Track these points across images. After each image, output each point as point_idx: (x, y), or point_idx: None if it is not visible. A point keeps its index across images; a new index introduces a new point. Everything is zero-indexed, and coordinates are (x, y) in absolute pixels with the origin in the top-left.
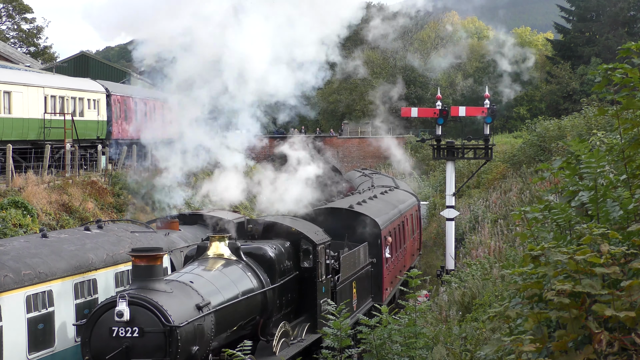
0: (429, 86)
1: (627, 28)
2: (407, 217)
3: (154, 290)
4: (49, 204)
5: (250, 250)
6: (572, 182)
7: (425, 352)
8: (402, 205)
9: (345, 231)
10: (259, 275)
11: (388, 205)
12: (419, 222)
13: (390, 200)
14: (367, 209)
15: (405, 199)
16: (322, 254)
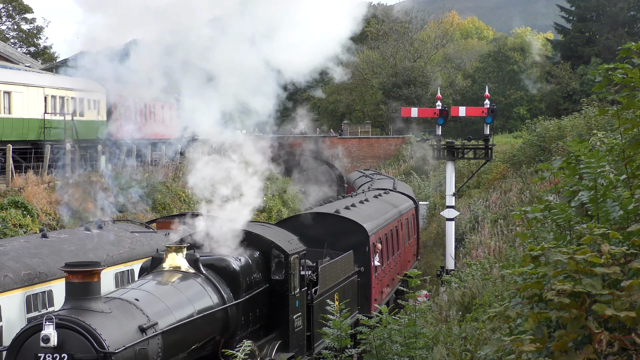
0: (429, 86)
1: (627, 28)
2: (402, 222)
3: (88, 310)
4: (49, 204)
5: (212, 262)
6: (572, 182)
7: (425, 352)
8: (396, 209)
9: (331, 238)
10: (220, 289)
11: (380, 210)
12: (417, 226)
13: (383, 204)
14: (355, 213)
15: (401, 203)
16: (296, 264)
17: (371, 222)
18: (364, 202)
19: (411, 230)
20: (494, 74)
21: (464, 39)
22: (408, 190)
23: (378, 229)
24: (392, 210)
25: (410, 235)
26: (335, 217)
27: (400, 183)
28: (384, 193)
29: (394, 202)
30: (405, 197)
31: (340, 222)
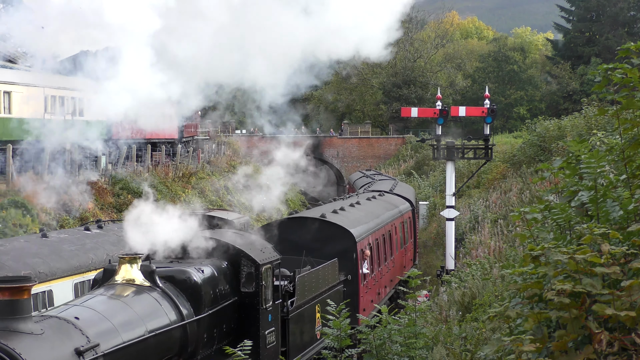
0: (429, 86)
1: (627, 28)
2: (396, 226)
3: (14, 332)
4: (49, 204)
5: (171, 273)
6: (572, 182)
7: (425, 352)
8: (389, 212)
9: (316, 244)
10: (179, 305)
11: (371, 214)
12: (413, 230)
13: (376, 207)
14: (343, 218)
15: (396, 205)
16: (268, 275)
17: (360, 227)
18: (354, 205)
19: (407, 234)
20: (494, 74)
21: (464, 39)
22: (408, 191)
23: (367, 234)
24: (385, 213)
25: (406, 239)
26: (320, 221)
27: (401, 184)
28: (378, 195)
29: (388, 205)
30: (401, 199)
31: (326, 227)
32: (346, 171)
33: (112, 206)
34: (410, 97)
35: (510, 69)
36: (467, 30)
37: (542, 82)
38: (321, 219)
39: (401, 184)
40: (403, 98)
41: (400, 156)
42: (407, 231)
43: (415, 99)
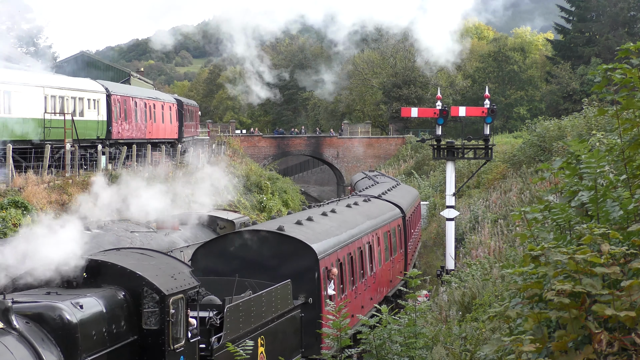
0: (429, 86)
1: (627, 28)
2: (379, 237)
3: None
4: (49, 204)
5: (38, 310)
6: (572, 183)
7: (425, 352)
8: (371, 222)
9: (272, 262)
10: (41, 353)
11: (345, 224)
12: (404, 239)
13: (354, 216)
14: (306, 231)
15: (381, 213)
16: (179, 307)
17: (325, 241)
18: (327, 215)
19: (395, 245)
20: (494, 74)
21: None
22: (404, 195)
23: (335, 249)
24: (365, 223)
25: (393, 250)
26: (277, 235)
27: (401, 187)
28: (363, 201)
29: (371, 213)
30: (391, 205)
31: (283, 242)
32: (346, 171)
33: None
34: (410, 97)
35: (511, 69)
36: (467, 31)
37: (542, 82)
38: (278, 233)
39: (401, 187)
40: (403, 98)
41: (400, 156)
42: (396, 241)
43: (415, 99)
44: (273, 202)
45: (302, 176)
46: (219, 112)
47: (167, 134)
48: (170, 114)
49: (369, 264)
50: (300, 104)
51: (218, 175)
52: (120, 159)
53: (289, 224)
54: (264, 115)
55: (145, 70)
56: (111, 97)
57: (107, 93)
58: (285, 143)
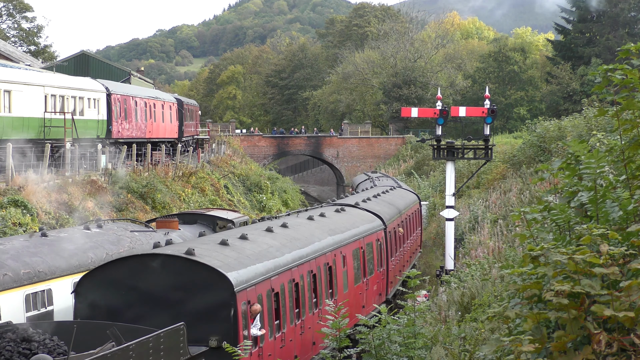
0: (429, 86)
1: (627, 29)
2: (345, 255)
3: None
4: (49, 203)
5: None
6: (571, 183)
7: (424, 353)
8: (331, 238)
9: (176, 296)
10: None
11: (293, 242)
12: (386, 254)
13: (311, 231)
14: (227, 254)
15: (351, 226)
16: None
17: (251, 267)
18: (273, 231)
19: (370, 263)
20: (494, 74)
21: (464, 39)
22: (399, 199)
23: (266, 277)
24: (324, 240)
25: (367, 270)
26: (183, 262)
27: (397, 192)
28: (335, 212)
29: (337, 226)
30: (369, 215)
31: (191, 270)
32: (346, 171)
33: (111, 205)
34: (410, 97)
35: (511, 70)
36: (468, 31)
37: (542, 82)
38: (184, 258)
39: (395, 192)
40: (403, 98)
41: (400, 156)
42: (372, 259)
43: (416, 99)
44: (273, 201)
45: (302, 176)
46: (219, 112)
47: (167, 133)
48: (170, 114)
49: (327, 290)
50: (300, 103)
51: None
52: (120, 159)
53: (207, 245)
54: (264, 115)
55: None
56: (111, 97)
57: (107, 92)
58: (285, 143)
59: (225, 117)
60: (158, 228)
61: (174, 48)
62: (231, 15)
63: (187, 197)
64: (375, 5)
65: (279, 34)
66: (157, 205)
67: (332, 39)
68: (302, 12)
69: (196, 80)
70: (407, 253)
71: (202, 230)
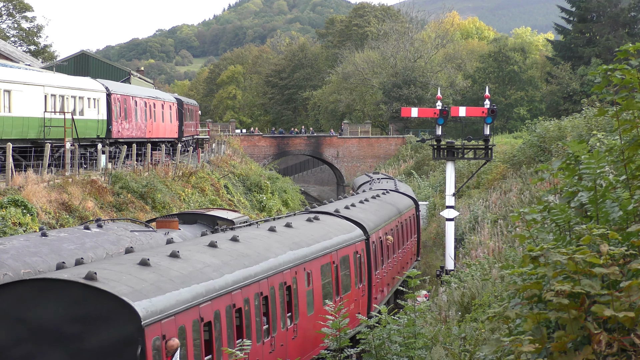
0: (429, 86)
1: (627, 29)
2: (310, 272)
3: None
4: (49, 203)
5: None
6: (571, 183)
7: (424, 353)
8: (292, 253)
9: (72, 329)
10: None
11: (240, 260)
12: (367, 269)
13: (268, 245)
14: (144, 277)
15: (322, 237)
16: None
17: (173, 293)
18: (216, 246)
19: (346, 279)
20: (494, 74)
21: (464, 39)
22: (389, 205)
23: (193, 304)
24: (282, 255)
25: (342, 287)
26: (80, 288)
27: (390, 196)
28: (306, 221)
29: (303, 239)
30: (349, 224)
31: (90, 299)
32: (346, 171)
33: (111, 205)
34: (410, 97)
35: (511, 70)
36: (468, 31)
37: (542, 82)
38: (82, 284)
39: (388, 196)
40: (403, 98)
41: (400, 156)
42: (349, 274)
43: (415, 99)
44: (273, 201)
45: (302, 176)
46: (219, 112)
47: (167, 133)
48: (170, 113)
49: (285, 314)
50: (300, 103)
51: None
52: (120, 158)
53: (121, 267)
54: (264, 115)
55: (145, 69)
56: (111, 96)
57: (107, 92)
58: (285, 143)
59: (225, 117)
60: (158, 228)
61: (174, 48)
62: (231, 15)
63: (187, 197)
64: (375, 5)
65: (278, 34)
66: (157, 205)
67: (332, 39)
68: (302, 12)
69: (196, 80)
70: (399, 264)
71: (202, 230)
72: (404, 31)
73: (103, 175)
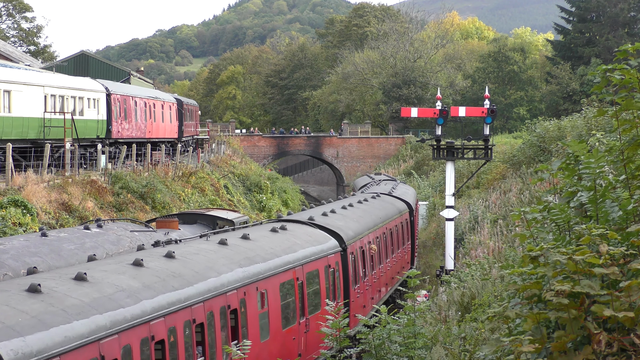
0: (429, 86)
1: (627, 29)
2: (263, 291)
3: None
4: (49, 203)
5: None
6: (571, 183)
7: (424, 353)
8: (229, 275)
9: None
10: None
11: (163, 282)
12: (343, 282)
13: (209, 261)
14: (21, 310)
15: (284, 251)
16: None
17: (58, 327)
18: (141, 265)
19: (314, 297)
20: (494, 74)
21: (464, 39)
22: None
23: (90, 340)
24: (228, 274)
25: (311, 306)
26: None
27: (382, 199)
28: (272, 231)
29: (257, 253)
30: (322, 234)
31: None
32: (346, 171)
33: (111, 205)
34: (410, 97)
35: (510, 70)
36: (467, 31)
37: (542, 82)
38: None
39: (377, 201)
40: (403, 98)
41: (400, 156)
42: (317, 292)
43: (415, 99)
44: (273, 201)
45: (302, 176)
46: (219, 112)
47: (167, 133)
48: (170, 114)
49: (228, 342)
50: (300, 103)
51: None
52: (120, 159)
53: (4, 294)
54: (263, 115)
55: (145, 69)
56: (111, 97)
57: (107, 92)
58: (285, 143)
59: (225, 117)
60: (158, 228)
61: (174, 48)
62: (231, 15)
63: (187, 197)
64: (375, 5)
65: (278, 34)
66: (157, 205)
67: (332, 39)
68: (302, 12)
69: (196, 80)
70: (387, 274)
71: (202, 230)
72: (403, 31)
73: (103, 175)
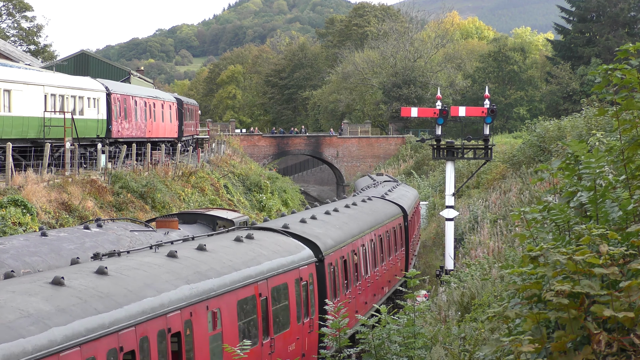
0: (429, 86)
1: (627, 29)
2: (216, 310)
3: None
4: (49, 203)
5: None
6: (571, 183)
7: (424, 353)
8: (172, 293)
9: None
10: None
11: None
12: (313, 297)
13: (151, 276)
14: None
15: (245, 264)
16: None
17: None
18: (61, 284)
19: (281, 315)
20: (494, 74)
21: (464, 39)
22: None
23: None
24: (171, 292)
25: (277, 325)
26: None
27: (374, 202)
28: (240, 239)
29: (213, 266)
30: (296, 243)
31: None
32: (346, 171)
33: (111, 205)
34: (410, 97)
35: (510, 69)
36: (468, 30)
37: (542, 82)
38: None
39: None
40: (403, 98)
41: (400, 156)
42: (285, 309)
43: (415, 99)
44: (273, 201)
45: (302, 176)
46: (219, 112)
47: (167, 132)
48: (170, 113)
49: None
50: (300, 103)
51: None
52: (120, 158)
53: None
54: (263, 115)
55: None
56: (111, 96)
57: (107, 92)
58: (285, 142)
59: (225, 117)
60: (158, 228)
61: (174, 48)
62: (231, 14)
63: (187, 197)
64: (375, 5)
65: (278, 34)
66: (157, 205)
67: (332, 38)
68: (302, 11)
69: (196, 80)
70: (374, 285)
71: (202, 229)
72: (403, 31)
73: (103, 175)
